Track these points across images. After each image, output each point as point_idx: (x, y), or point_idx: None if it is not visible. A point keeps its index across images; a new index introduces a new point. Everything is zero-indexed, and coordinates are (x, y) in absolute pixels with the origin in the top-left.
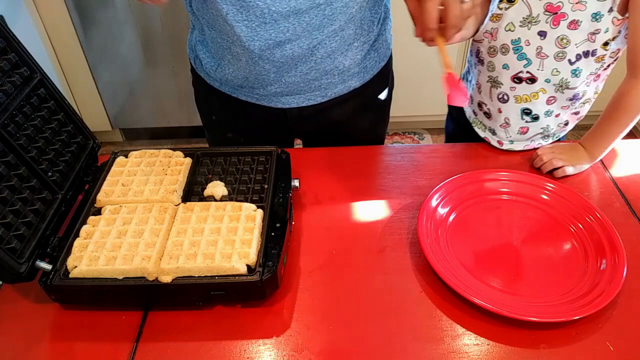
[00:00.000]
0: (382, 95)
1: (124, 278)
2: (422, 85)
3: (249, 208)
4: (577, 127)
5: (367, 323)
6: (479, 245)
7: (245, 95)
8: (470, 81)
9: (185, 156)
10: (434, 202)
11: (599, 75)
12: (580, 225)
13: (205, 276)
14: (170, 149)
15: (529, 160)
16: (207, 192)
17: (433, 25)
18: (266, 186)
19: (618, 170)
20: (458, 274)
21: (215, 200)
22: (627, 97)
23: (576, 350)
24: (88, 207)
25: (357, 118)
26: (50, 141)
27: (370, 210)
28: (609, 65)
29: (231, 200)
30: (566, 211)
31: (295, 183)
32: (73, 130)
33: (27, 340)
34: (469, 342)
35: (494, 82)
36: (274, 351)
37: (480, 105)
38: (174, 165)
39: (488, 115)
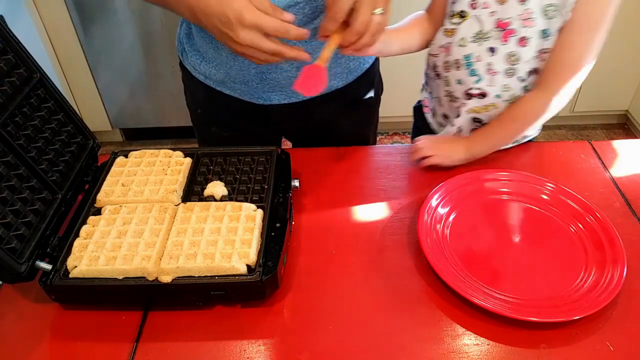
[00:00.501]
0: (367, 96)
1: (124, 278)
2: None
3: (249, 208)
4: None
5: (367, 323)
6: (479, 245)
7: (228, 89)
8: (431, 93)
9: (185, 156)
10: (434, 202)
11: None
12: (580, 225)
13: (205, 276)
14: (170, 149)
15: (529, 160)
16: (207, 192)
17: (340, 17)
18: (266, 186)
19: (618, 170)
20: (458, 274)
21: (215, 200)
22: (524, 105)
23: (576, 350)
24: (88, 207)
25: (342, 118)
26: (50, 141)
27: (370, 210)
28: None
29: (231, 200)
30: (566, 211)
31: (295, 183)
32: (73, 130)
33: (27, 340)
34: (469, 342)
35: (451, 96)
36: (274, 351)
37: (445, 117)
38: (174, 165)
39: (452, 126)
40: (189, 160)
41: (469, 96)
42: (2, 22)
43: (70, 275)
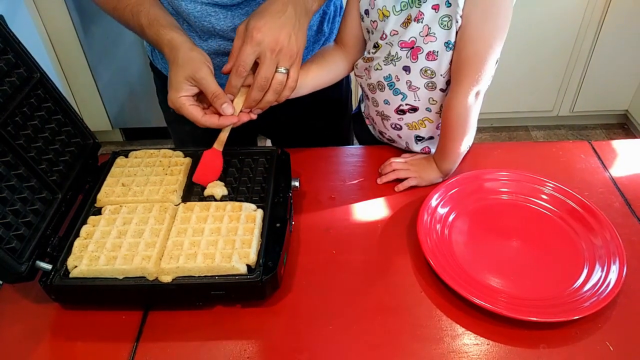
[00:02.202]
0: (335, 93)
1: (124, 278)
2: None
3: (249, 208)
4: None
5: (367, 323)
6: (479, 245)
7: None
8: (364, 111)
9: (185, 156)
10: (433, 202)
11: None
12: (580, 225)
13: (205, 276)
14: (170, 149)
15: (529, 160)
16: (207, 192)
17: (243, 70)
18: (266, 186)
19: (618, 170)
20: (458, 274)
21: (215, 200)
22: (450, 112)
23: (576, 350)
24: (88, 207)
25: (314, 113)
26: (50, 141)
27: (370, 210)
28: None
29: (231, 200)
30: (566, 211)
31: (295, 183)
32: (73, 130)
33: (27, 340)
34: (469, 342)
35: (383, 115)
36: (274, 351)
37: (381, 133)
38: (174, 165)
39: (392, 140)
40: (189, 160)
41: (402, 112)
42: (2, 22)
43: (71, 275)
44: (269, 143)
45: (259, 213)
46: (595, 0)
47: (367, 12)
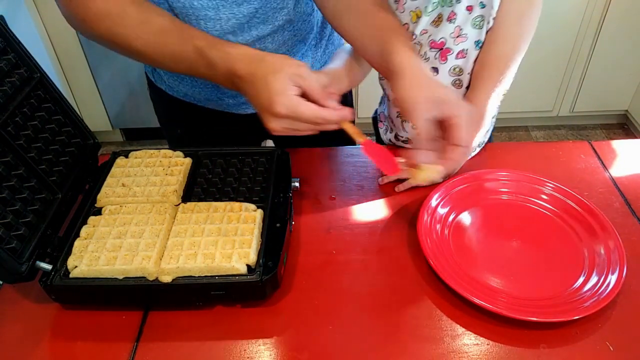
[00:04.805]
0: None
1: (124, 278)
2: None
3: (249, 208)
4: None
5: (367, 323)
6: (479, 245)
7: (213, 104)
8: (383, 112)
9: (185, 156)
10: (433, 202)
11: None
12: (580, 225)
13: (205, 276)
14: (170, 149)
15: (529, 160)
16: (423, 178)
17: (462, 145)
18: (266, 186)
19: (618, 170)
20: (458, 274)
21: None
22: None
23: (576, 350)
24: (88, 207)
25: None
26: (50, 141)
27: (370, 210)
28: None
29: (231, 200)
30: (566, 211)
31: (295, 183)
32: (73, 131)
33: (27, 340)
34: (469, 342)
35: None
36: (274, 351)
37: (396, 136)
38: (174, 165)
39: (406, 142)
40: (189, 160)
41: None
42: (2, 22)
43: (71, 276)
44: (270, 143)
45: (259, 213)
46: (595, 0)
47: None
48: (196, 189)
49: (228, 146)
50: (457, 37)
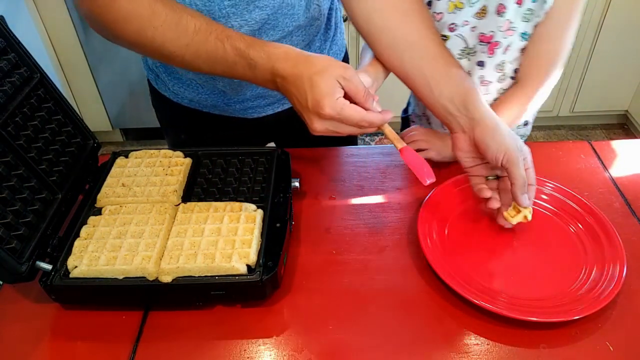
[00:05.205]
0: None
1: (124, 278)
2: None
3: (249, 208)
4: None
5: (367, 323)
6: (478, 245)
7: (219, 110)
8: (415, 110)
9: (185, 156)
10: (434, 202)
11: None
12: (580, 225)
13: (205, 276)
14: (170, 149)
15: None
16: (516, 220)
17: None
18: (266, 186)
19: (618, 170)
20: (458, 274)
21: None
22: (509, 102)
23: (576, 350)
24: (88, 207)
25: None
26: (50, 141)
27: (370, 210)
28: None
29: (231, 200)
30: (566, 211)
31: (295, 183)
32: (73, 131)
33: (27, 340)
34: (469, 342)
35: None
36: (274, 351)
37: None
38: (174, 165)
39: None
40: (189, 160)
41: None
42: (2, 22)
43: (71, 276)
44: (271, 144)
45: (259, 213)
46: (595, 0)
47: (430, 3)
48: (196, 189)
49: (228, 146)
50: (507, 30)
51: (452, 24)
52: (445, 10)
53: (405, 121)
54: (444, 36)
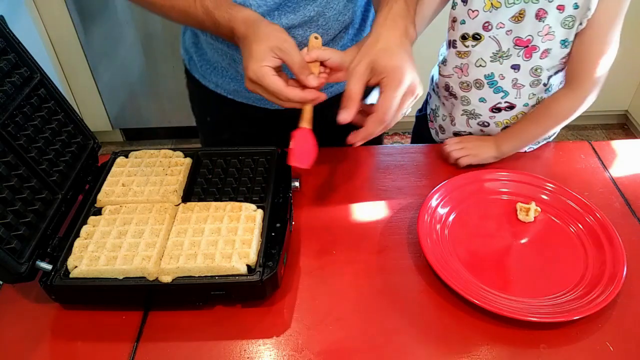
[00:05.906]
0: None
1: (124, 278)
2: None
3: (249, 208)
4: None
5: (367, 323)
6: (478, 245)
7: (242, 97)
8: (435, 110)
9: (185, 156)
10: (434, 202)
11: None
12: (580, 226)
13: (205, 276)
14: (170, 149)
15: (529, 161)
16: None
17: (386, 120)
18: (266, 186)
19: (618, 170)
20: (458, 274)
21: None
22: (557, 104)
23: (576, 350)
24: (88, 207)
25: (321, 114)
26: (51, 141)
27: (370, 210)
28: None
29: (231, 200)
30: (566, 211)
31: (295, 183)
32: (73, 131)
33: (27, 340)
34: (469, 342)
35: (471, 114)
36: (274, 351)
37: (456, 134)
38: (174, 165)
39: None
40: (189, 160)
41: (497, 110)
42: (2, 22)
43: (71, 276)
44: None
45: (259, 213)
46: None
47: (465, 1)
48: (196, 189)
49: (244, 141)
50: (546, 34)
51: (487, 22)
52: (481, 8)
53: (420, 120)
54: (478, 36)
